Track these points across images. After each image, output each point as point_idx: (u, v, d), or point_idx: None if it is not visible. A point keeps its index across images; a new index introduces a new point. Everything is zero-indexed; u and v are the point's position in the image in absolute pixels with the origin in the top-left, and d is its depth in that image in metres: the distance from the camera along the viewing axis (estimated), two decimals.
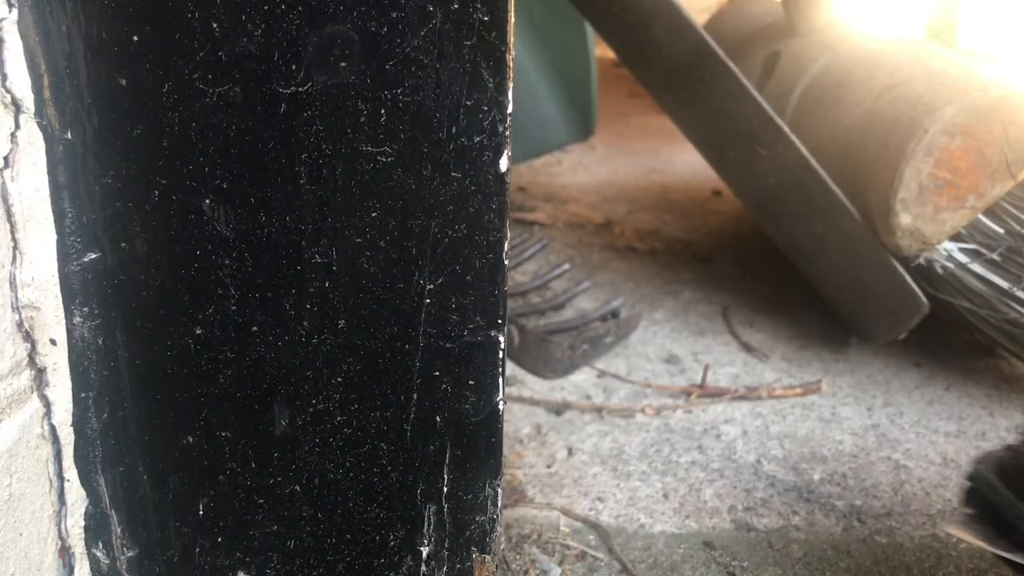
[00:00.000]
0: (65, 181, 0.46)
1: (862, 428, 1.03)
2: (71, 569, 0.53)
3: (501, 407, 0.52)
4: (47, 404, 0.50)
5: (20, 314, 0.47)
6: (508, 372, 1.13)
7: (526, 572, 0.74)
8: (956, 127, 1.02)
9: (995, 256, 1.05)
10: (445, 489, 0.54)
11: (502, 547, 0.75)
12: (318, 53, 0.45)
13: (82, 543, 0.54)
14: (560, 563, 0.76)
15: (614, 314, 1.24)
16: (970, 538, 0.58)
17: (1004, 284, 1.04)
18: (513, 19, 0.45)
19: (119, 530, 0.54)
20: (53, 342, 0.49)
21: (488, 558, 0.56)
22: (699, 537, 0.82)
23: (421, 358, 0.51)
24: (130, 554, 0.55)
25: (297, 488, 0.53)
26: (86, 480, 0.52)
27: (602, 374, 1.14)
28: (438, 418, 0.52)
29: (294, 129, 0.46)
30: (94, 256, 0.48)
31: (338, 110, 0.46)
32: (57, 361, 0.49)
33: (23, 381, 0.48)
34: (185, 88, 0.45)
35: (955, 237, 1.07)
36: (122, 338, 0.50)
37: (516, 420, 1.02)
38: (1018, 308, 1.03)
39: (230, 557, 0.55)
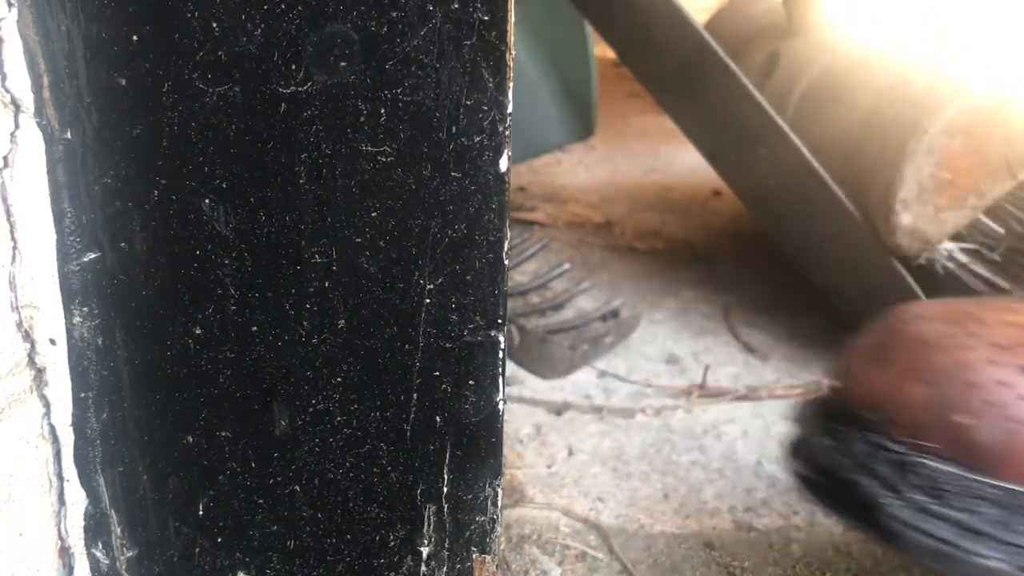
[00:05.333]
0: (65, 181, 0.46)
1: None
2: (71, 569, 0.53)
3: (501, 407, 0.52)
4: (47, 404, 0.49)
5: (20, 314, 0.47)
6: (508, 372, 1.13)
7: (526, 572, 0.74)
8: (956, 127, 1.02)
9: (995, 256, 1.05)
10: (445, 489, 0.54)
11: (502, 547, 0.75)
12: (318, 53, 0.44)
13: (82, 543, 0.54)
14: (560, 563, 0.76)
15: (614, 314, 1.24)
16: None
17: (1004, 284, 1.04)
18: (513, 19, 0.45)
19: (119, 530, 0.54)
20: (52, 342, 0.49)
21: (488, 558, 0.56)
22: (699, 537, 0.82)
23: (421, 358, 0.51)
24: (130, 554, 0.55)
25: (297, 488, 0.53)
26: (86, 480, 0.52)
27: (602, 374, 1.14)
28: (438, 418, 0.52)
29: (294, 129, 0.46)
30: (94, 256, 0.48)
31: (338, 110, 0.46)
32: (56, 361, 0.49)
33: (23, 381, 0.48)
34: (185, 88, 0.45)
35: (955, 237, 1.07)
36: (122, 338, 0.50)
37: (516, 420, 1.02)
38: None
39: (230, 557, 0.55)
